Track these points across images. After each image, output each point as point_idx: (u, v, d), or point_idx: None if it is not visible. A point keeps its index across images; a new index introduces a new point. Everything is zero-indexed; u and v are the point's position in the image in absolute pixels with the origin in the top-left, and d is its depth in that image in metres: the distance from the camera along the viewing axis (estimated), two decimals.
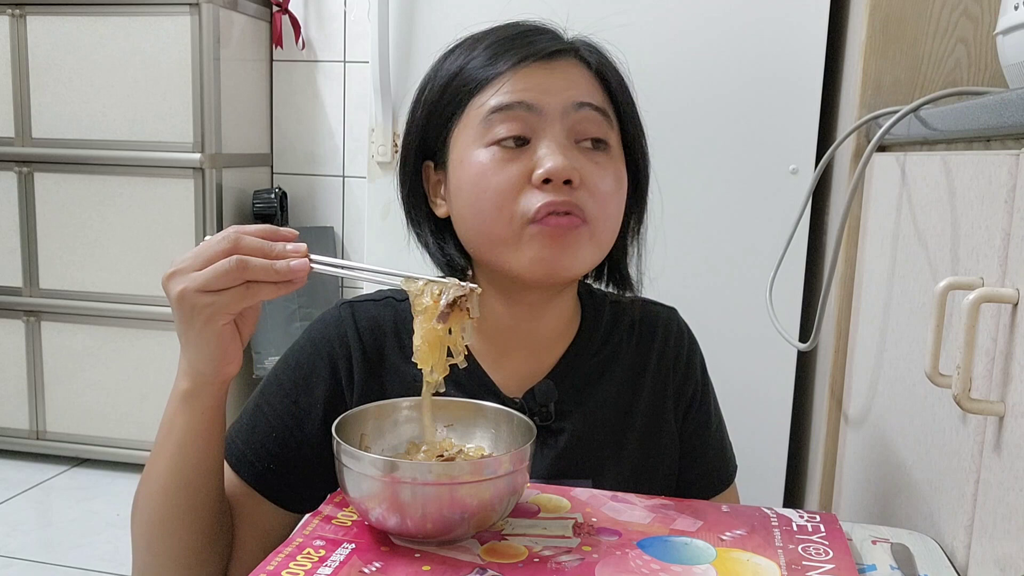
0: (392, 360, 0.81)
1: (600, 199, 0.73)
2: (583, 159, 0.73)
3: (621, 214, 0.78)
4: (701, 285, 1.50)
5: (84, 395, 2.36)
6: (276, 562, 0.58)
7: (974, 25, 1.15)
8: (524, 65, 0.73)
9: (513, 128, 0.72)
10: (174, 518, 0.70)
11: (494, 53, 0.75)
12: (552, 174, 0.70)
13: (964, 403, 0.62)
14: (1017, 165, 0.62)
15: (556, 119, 0.72)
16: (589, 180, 0.72)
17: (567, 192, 0.71)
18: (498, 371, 0.81)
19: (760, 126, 1.47)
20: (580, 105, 0.73)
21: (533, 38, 0.75)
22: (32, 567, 1.84)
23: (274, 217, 2.38)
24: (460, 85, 0.75)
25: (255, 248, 0.63)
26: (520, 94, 0.72)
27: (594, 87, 0.76)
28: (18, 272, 2.33)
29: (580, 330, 0.84)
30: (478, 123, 0.73)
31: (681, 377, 0.86)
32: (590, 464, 0.80)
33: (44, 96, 2.25)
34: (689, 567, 0.59)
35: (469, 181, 0.74)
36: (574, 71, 0.75)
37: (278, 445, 0.78)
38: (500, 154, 0.72)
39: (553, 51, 0.74)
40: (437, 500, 0.58)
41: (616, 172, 0.76)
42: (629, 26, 1.47)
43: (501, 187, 0.71)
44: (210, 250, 0.62)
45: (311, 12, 2.52)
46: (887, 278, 1.00)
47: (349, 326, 0.81)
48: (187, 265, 0.63)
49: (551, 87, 0.73)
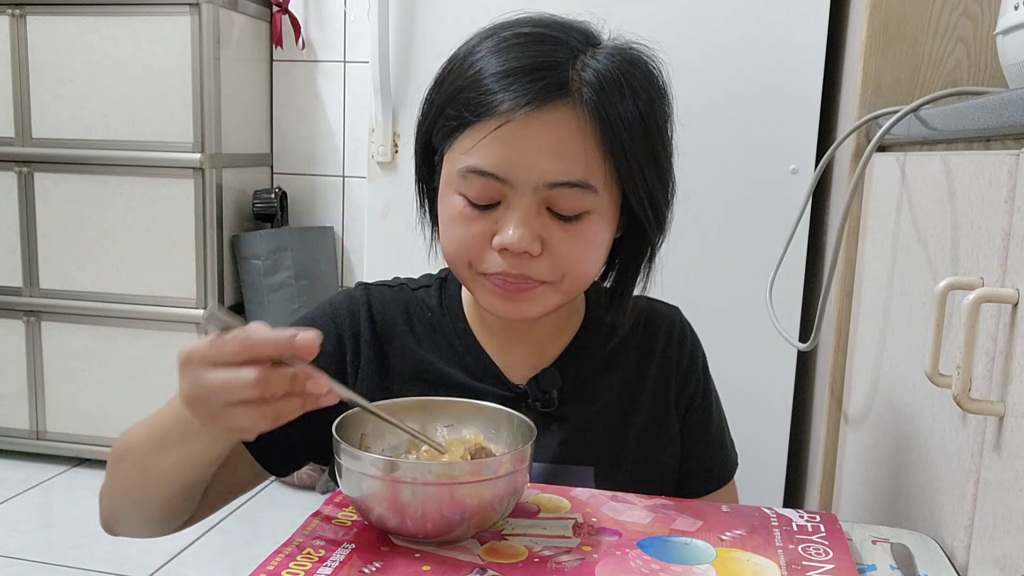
0: (401, 341, 0.82)
1: (566, 266, 0.72)
2: (552, 226, 0.71)
3: (599, 261, 0.76)
4: (701, 285, 1.50)
5: (84, 395, 2.36)
6: (276, 562, 0.58)
7: (974, 25, 1.15)
8: (508, 120, 0.68)
9: (482, 194, 0.71)
10: (169, 499, 0.72)
11: (483, 91, 0.70)
12: (509, 246, 0.70)
13: (964, 403, 0.62)
14: (1017, 165, 0.62)
15: (527, 192, 0.70)
16: (555, 248, 0.71)
17: (523, 263, 0.71)
18: (503, 359, 0.82)
19: (760, 126, 1.47)
20: (554, 185, 0.69)
21: (531, 77, 0.69)
22: (32, 567, 1.85)
23: (274, 217, 2.39)
24: (451, 115, 0.72)
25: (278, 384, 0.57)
26: (493, 162, 0.69)
27: (583, 146, 0.69)
28: (18, 272, 2.34)
29: (584, 324, 0.85)
30: (457, 172, 0.72)
31: (684, 375, 0.87)
32: (592, 452, 0.81)
33: (44, 96, 2.25)
34: (689, 567, 0.59)
35: (442, 214, 0.75)
36: (563, 128, 0.69)
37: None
38: (468, 210, 0.72)
39: (541, 102, 0.68)
40: (437, 500, 0.58)
41: (589, 236, 0.72)
42: (629, 26, 1.47)
43: (463, 241, 0.73)
44: (225, 354, 0.57)
45: (311, 12, 2.52)
46: (887, 278, 1.00)
47: (363, 305, 0.82)
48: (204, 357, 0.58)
49: (528, 154, 0.69)
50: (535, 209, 0.71)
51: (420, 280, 0.88)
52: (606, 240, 0.75)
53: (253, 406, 0.57)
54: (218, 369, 0.56)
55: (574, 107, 0.70)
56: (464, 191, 0.72)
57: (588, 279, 0.77)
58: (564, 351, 0.84)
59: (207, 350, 0.57)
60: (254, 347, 0.56)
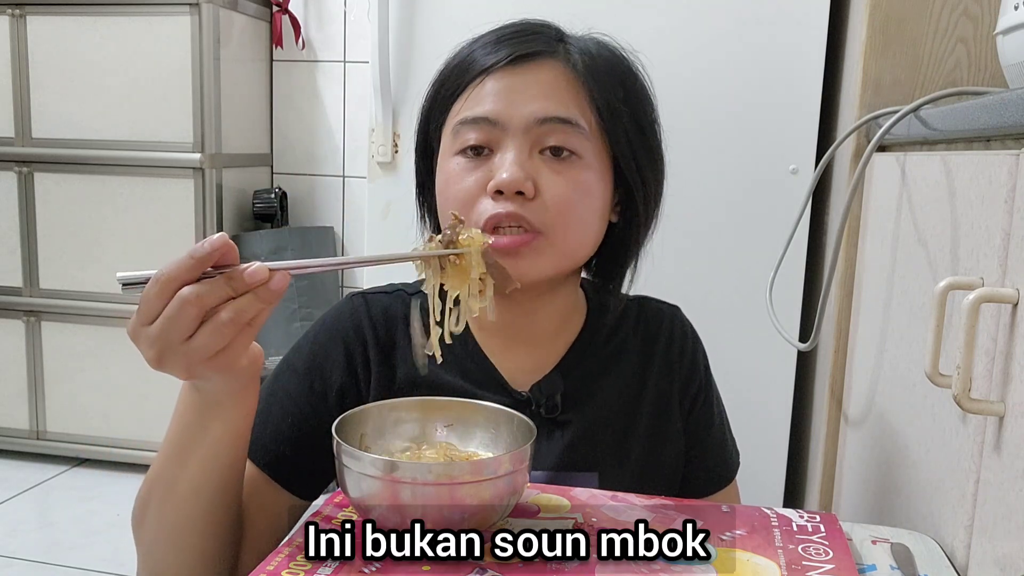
0: (403, 350, 0.81)
1: (558, 208, 0.73)
2: (544, 168, 0.73)
3: (593, 220, 0.76)
4: (701, 285, 1.50)
5: (84, 395, 2.36)
6: (276, 562, 0.58)
7: (974, 25, 1.15)
8: (496, 71, 0.73)
9: (476, 138, 0.73)
10: (203, 517, 0.67)
11: (474, 59, 0.75)
12: (502, 185, 0.71)
13: (964, 403, 0.62)
14: (1017, 165, 0.62)
15: (518, 132, 0.73)
16: (546, 190, 0.72)
17: (517, 204, 0.72)
18: (504, 364, 0.82)
19: (760, 126, 1.47)
20: (544, 120, 0.72)
21: (517, 40, 0.75)
22: (32, 567, 1.84)
23: (274, 217, 2.39)
24: (445, 91, 0.77)
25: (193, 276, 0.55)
26: (484, 107, 0.73)
27: (571, 95, 0.74)
28: (18, 272, 2.34)
29: (586, 324, 0.85)
30: (451, 131, 0.76)
31: (686, 375, 0.87)
32: (596, 457, 0.80)
33: (44, 96, 2.25)
34: (689, 567, 0.59)
35: (440, 189, 0.77)
36: (551, 77, 0.74)
37: (293, 429, 0.78)
38: (463, 163, 0.74)
39: (530, 53, 0.74)
40: (437, 500, 0.58)
41: (580, 179, 0.74)
42: (629, 26, 1.47)
43: (459, 196, 0.74)
44: (148, 300, 0.55)
45: (311, 12, 2.52)
46: (887, 278, 1.00)
47: (363, 316, 0.82)
48: (139, 320, 0.56)
49: (517, 96, 0.73)
50: (527, 151, 0.73)
51: (416, 284, 0.86)
52: (598, 196, 0.76)
53: (209, 325, 0.55)
54: (156, 319, 0.55)
55: (561, 62, 0.75)
56: (458, 147, 0.74)
57: (581, 237, 0.76)
58: (566, 353, 0.83)
59: (138, 311, 0.56)
60: (170, 277, 0.54)
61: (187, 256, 0.55)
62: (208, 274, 0.56)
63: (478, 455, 0.69)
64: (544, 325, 0.83)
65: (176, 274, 0.55)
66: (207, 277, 0.56)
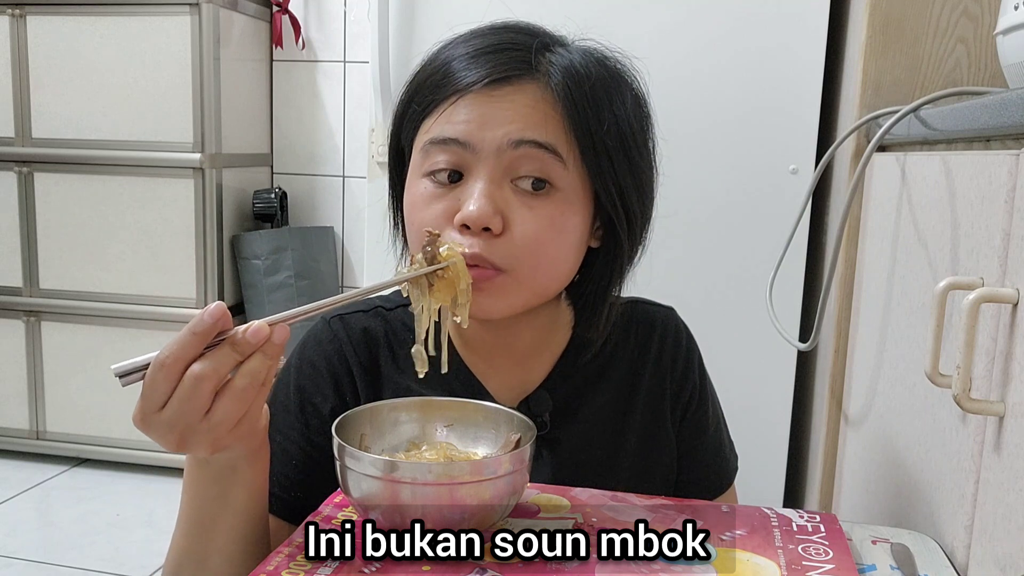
0: (386, 370, 0.80)
1: (528, 247, 0.68)
2: (516, 202, 0.68)
3: (567, 255, 0.72)
4: (701, 285, 1.50)
5: (84, 395, 2.36)
6: (276, 562, 0.58)
7: (974, 25, 1.15)
8: (470, 91, 0.68)
9: (446, 161, 0.69)
10: (236, 541, 0.66)
11: (449, 73, 0.70)
12: (468, 220, 0.67)
13: (964, 403, 0.62)
14: (1017, 165, 0.62)
15: (490, 156, 0.67)
16: (516, 226, 0.68)
17: (482, 240, 0.67)
18: (490, 381, 0.80)
19: (760, 126, 1.47)
20: (518, 143, 0.67)
21: (495, 58, 0.69)
22: (32, 567, 1.84)
23: (274, 217, 2.39)
24: (416, 105, 0.72)
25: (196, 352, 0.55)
26: (456, 128, 0.68)
27: (550, 120, 0.68)
28: (18, 272, 2.34)
29: (572, 337, 0.82)
30: (421, 149, 0.71)
31: (679, 379, 0.85)
32: (588, 473, 0.79)
33: (44, 96, 2.25)
34: (689, 567, 0.59)
35: (407, 211, 0.73)
36: (529, 100, 0.68)
37: (299, 472, 0.76)
38: (432, 188, 0.70)
39: (506, 76, 0.68)
40: (437, 500, 0.58)
41: (554, 216, 0.69)
42: (628, 26, 1.47)
43: (425, 224, 0.69)
44: (156, 386, 0.55)
45: (311, 12, 2.52)
46: (887, 278, 1.00)
47: (344, 341, 0.79)
48: (149, 406, 0.56)
49: (491, 120, 0.67)
50: (498, 181, 0.68)
51: (395, 299, 0.82)
52: (574, 231, 0.71)
53: (227, 395, 0.55)
54: (168, 403, 0.55)
55: (540, 86, 0.69)
56: (427, 170, 0.70)
57: (553, 274, 0.72)
58: (552, 369, 0.81)
59: (145, 399, 0.55)
60: (176, 358, 0.54)
61: (188, 333, 0.54)
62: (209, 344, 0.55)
63: (478, 455, 0.69)
64: (527, 341, 0.80)
65: (181, 354, 0.54)
66: (208, 348, 0.55)
